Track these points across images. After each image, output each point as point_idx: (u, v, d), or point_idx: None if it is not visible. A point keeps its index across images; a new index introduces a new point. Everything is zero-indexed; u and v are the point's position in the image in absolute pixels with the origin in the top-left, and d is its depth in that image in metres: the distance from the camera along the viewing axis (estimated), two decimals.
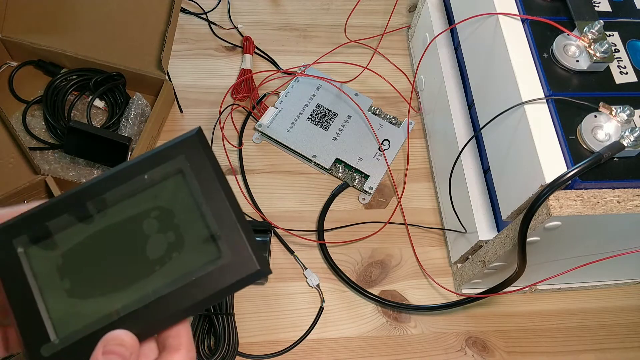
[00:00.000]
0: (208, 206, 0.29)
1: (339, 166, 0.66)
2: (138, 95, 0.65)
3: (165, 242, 0.29)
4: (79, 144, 0.60)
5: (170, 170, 0.30)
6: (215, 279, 0.29)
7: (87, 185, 0.30)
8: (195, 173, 0.30)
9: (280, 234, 0.62)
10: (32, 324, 0.28)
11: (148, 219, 0.29)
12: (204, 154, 0.30)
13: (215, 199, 0.30)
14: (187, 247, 0.29)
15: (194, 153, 0.30)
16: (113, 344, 0.27)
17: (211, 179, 0.30)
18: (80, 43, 0.65)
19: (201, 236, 0.29)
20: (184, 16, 0.76)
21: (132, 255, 0.29)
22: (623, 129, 0.43)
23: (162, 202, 0.30)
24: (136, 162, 0.30)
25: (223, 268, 0.28)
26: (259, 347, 0.56)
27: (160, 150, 0.30)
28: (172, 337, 0.30)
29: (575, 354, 0.60)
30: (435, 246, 0.64)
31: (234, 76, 0.72)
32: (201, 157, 0.30)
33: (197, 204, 0.29)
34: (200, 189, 0.30)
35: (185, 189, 0.30)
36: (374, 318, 0.59)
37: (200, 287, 0.29)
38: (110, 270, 0.29)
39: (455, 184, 0.58)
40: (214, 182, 0.30)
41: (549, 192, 0.41)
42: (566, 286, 0.62)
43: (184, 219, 0.29)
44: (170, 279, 0.29)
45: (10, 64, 0.68)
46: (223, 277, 0.29)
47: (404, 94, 0.72)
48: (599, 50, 0.46)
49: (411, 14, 0.79)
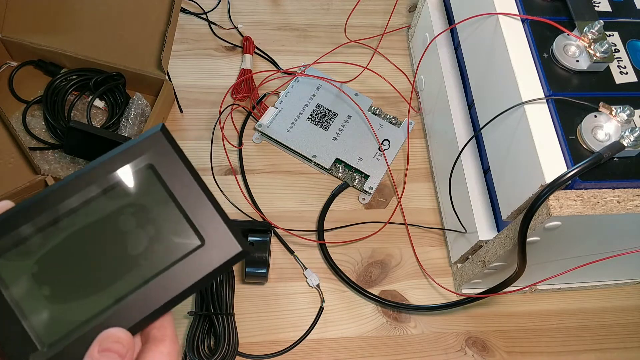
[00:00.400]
0: (183, 196, 0.30)
1: (339, 166, 0.66)
2: (138, 95, 0.65)
3: (145, 236, 0.29)
4: (79, 144, 0.60)
5: (141, 167, 0.30)
6: (199, 265, 0.30)
7: (55, 188, 0.29)
8: (165, 166, 0.30)
9: (280, 234, 0.62)
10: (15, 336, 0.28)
11: (123, 215, 0.29)
12: (171, 147, 0.30)
13: (188, 189, 0.30)
14: (168, 238, 0.30)
15: (161, 148, 0.30)
16: (109, 342, 0.27)
17: (181, 171, 0.30)
18: (80, 43, 0.65)
19: (180, 226, 0.30)
20: (184, 16, 0.76)
21: (113, 253, 0.29)
22: (623, 129, 0.43)
23: (135, 198, 0.30)
24: (105, 161, 0.30)
25: (206, 254, 0.29)
26: (259, 347, 0.56)
27: (128, 148, 0.30)
28: (157, 328, 0.30)
29: (575, 354, 0.60)
30: (435, 246, 0.64)
31: (234, 76, 0.72)
32: (169, 151, 0.30)
33: (171, 196, 0.30)
34: (173, 181, 0.30)
35: (158, 183, 0.30)
36: (374, 318, 0.59)
37: (186, 274, 0.29)
38: (91, 271, 0.29)
39: (455, 184, 0.58)
40: (184, 174, 0.30)
41: (549, 192, 0.41)
42: (566, 286, 0.62)
43: (160, 212, 0.30)
44: (155, 271, 0.29)
45: (10, 64, 0.68)
46: (207, 262, 0.29)
47: (404, 94, 0.72)
48: (599, 50, 0.46)
49: (411, 14, 0.79)
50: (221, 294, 0.55)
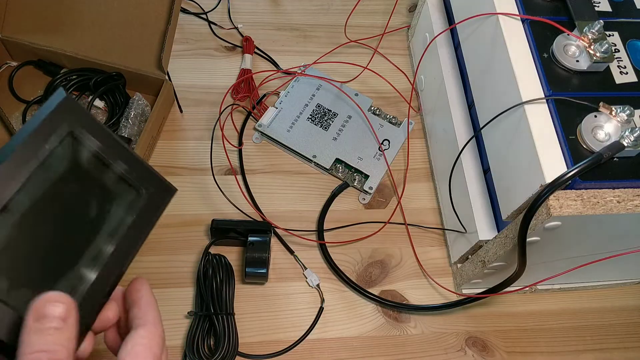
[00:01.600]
0: (111, 155, 0.31)
1: (339, 166, 0.66)
2: (138, 95, 0.65)
3: (94, 200, 0.31)
4: None
5: (62, 136, 0.30)
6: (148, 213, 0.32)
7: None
8: (85, 131, 0.31)
9: (280, 234, 0.62)
10: None
11: (67, 188, 0.30)
12: (82, 111, 0.31)
13: (113, 146, 0.31)
14: (116, 196, 0.31)
15: (72, 114, 0.30)
16: (47, 306, 0.25)
17: (100, 130, 0.31)
18: (80, 43, 0.65)
19: (119, 182, 0.31)
20: (184, 16, 0.76)
21: (72, 223, 0.30)
22: (623, 129, 0.43)
23: (70, 166, 0.30)
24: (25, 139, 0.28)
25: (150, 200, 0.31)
26: (259, 347, 0.56)
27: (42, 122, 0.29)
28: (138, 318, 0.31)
29: (575, 354, 0.60)
30: (435, 246, 0.64)
31: (234, 76, 0.72)
32: (81, 115, 0.31)
33: (101, 157, 0.31)
34: (97, 143, 0.31)
35: (84, 148, 0.31)
36: (374, 318, 0.59)
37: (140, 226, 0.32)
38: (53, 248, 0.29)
39: (455, 184, 0.58)
40: (104, 133, 0.31)
41: (549, 192, 0.41)
42: (566, 286, 0.62)
43: (96, 174, 0.31)
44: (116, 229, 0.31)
45: (10, 64, 0.68)
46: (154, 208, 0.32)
47: (404, 94, 0.72)
48: (599, 50, 0.46)
49: (411, 14, 0.79)
50: (221, 294, 0.55)
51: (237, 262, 0.60)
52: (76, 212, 0.30)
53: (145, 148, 0.62)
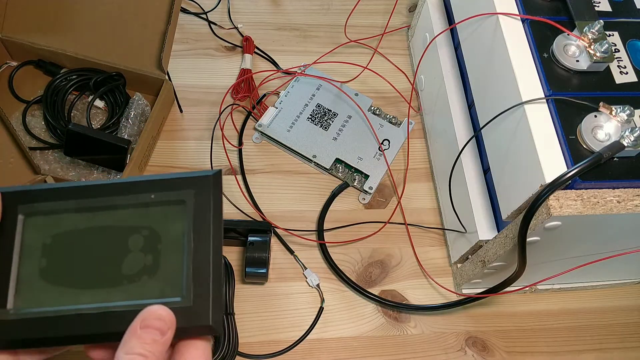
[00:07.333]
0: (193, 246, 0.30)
1: (339, 166, 0.66)
2: (138, 95, 0.65)
3: (142, 262, 0.30)
4: (79, 146, 0.60)
5: (176, 199, 0.30)
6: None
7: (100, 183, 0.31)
8: (196, 211, 0.30)
9: (280, 234, 0.62)
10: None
11: (136, 234, 0.30)
12: (212, 196, 0.30)
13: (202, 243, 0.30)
14: (158, 276, 0.30)
15: (204, 192, 0.30)
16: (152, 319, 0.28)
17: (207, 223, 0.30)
18: (80, 43, 0.65)
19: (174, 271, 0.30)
20: (184, 16, 0.76)
21: (109, 263, 0.30)
22: (623, 129, 0.43)
23: (155, 224, 0.30)
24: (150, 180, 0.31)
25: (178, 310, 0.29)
26: (259, 347, 0.56)
27: (175, 178, 0.31)
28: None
29: (575, 354, 0.60)
30: (435, 246, 0.64)
31: (234, 76, 0.72)
32: (208, 198, 0.30)
33: (184, 239, 0.30)
34: (194, 228, 0.30)
35: (181, 222, 0.30)
36: (374, 318, 0.59)
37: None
38: (84, 267, 0.30)
39: (455, 184, 0.58)
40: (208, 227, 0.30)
41: (549, 192, 0.41)
42: (566, 286, 0.62)
43: (166, 248, 0.30)
44: (130, 299, 0.29)
45: (10, 64, 0.68)
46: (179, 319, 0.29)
47: (404, 93, 0.72)
48: (599, 50, 0.46)
49: (411, 14, 0.79)
50: None
51: (237, 262, 0.60)
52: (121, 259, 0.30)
53: (145, 148, 0.62)
